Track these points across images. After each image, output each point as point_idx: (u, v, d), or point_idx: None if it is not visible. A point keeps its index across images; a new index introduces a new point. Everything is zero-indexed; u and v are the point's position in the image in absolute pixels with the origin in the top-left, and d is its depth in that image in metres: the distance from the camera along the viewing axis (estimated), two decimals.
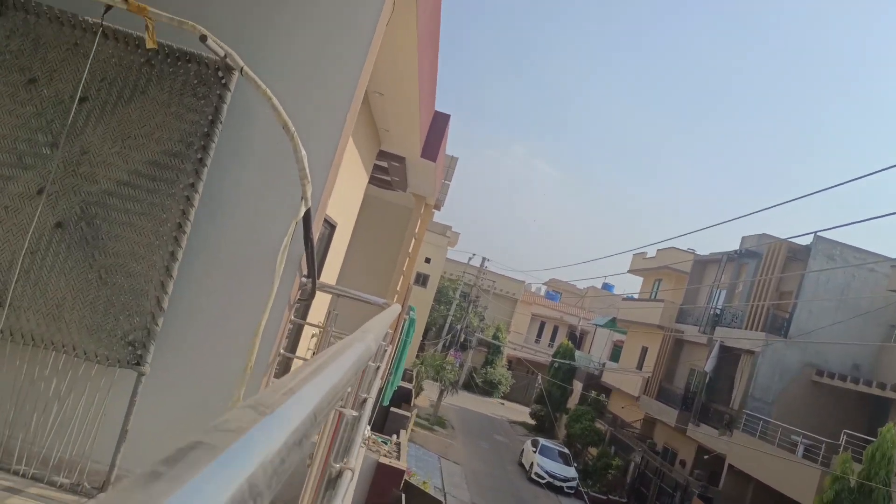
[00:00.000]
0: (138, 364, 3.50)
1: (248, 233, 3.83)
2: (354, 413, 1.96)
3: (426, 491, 16.70)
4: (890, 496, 14.58)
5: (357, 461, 3.94)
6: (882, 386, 21.14)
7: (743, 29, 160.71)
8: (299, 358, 4.84)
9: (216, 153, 3.64)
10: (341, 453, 1.86)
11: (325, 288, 4.29)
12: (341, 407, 1.86)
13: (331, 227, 7.52)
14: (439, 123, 9.57)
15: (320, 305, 6.86)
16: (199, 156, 3.60)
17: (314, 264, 3.83)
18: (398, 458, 14.71)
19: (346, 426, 1.60)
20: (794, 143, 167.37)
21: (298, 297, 4.06)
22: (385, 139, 9.33)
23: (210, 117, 3.61)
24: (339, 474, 1.68)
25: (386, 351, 4.09)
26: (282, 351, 4.07)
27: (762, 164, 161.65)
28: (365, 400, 2.54)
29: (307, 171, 3.35)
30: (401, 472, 12.80)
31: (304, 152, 3.31)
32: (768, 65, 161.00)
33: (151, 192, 3.55)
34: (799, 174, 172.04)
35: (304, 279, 4.01)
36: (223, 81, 3.61)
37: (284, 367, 6.69)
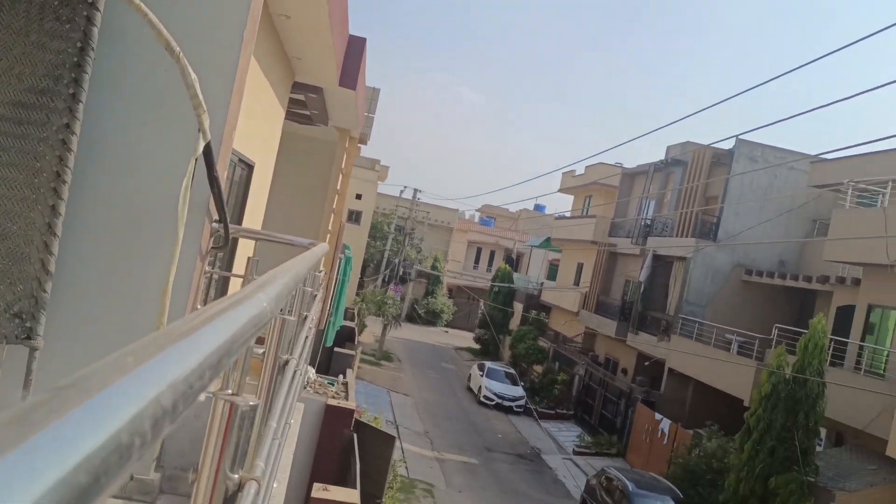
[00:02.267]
0: (28, 338, 3.05)
1: (143, 176, 3.35)
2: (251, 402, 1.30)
3: (378, 427, 16.66)
4: (824, 384, 15.21)
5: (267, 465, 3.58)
6: (808, 279, 21.93)
7: None
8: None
9: (92, 87, 3.12)
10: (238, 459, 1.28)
11: (241, 232, 3.86)
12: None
13: (248, 167, 6.99)
14: (355, 48, 8.97)
15: (248, 253, 6.39)
16: (71, 91, 3.07)
17: (224, 206, 3.39)
18: (346, 397, 14.51)
19: (238, 419, 1.21)
20: (708, 52, 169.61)
21: (211, 244, 3.63)
22: (299, 69, 8.71)
23: (79, 44, 3.07)
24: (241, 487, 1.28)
25: (315, 296, 3.72)
26: (199, 306, 3.65)
27: (678, 77, 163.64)
28: (287, 361, 2.19)
29: (201, 98, 2.88)
30: (350, 412, 12.61)
31: (194, 76, 2.84)
32: None
33: (19, 138, 3.03)
34: (717, 83, 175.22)
35: (215, 224, 3.58)
36: (90, 0, 3.07)
37: None
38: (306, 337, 3.22)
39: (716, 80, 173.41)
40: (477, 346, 45.48)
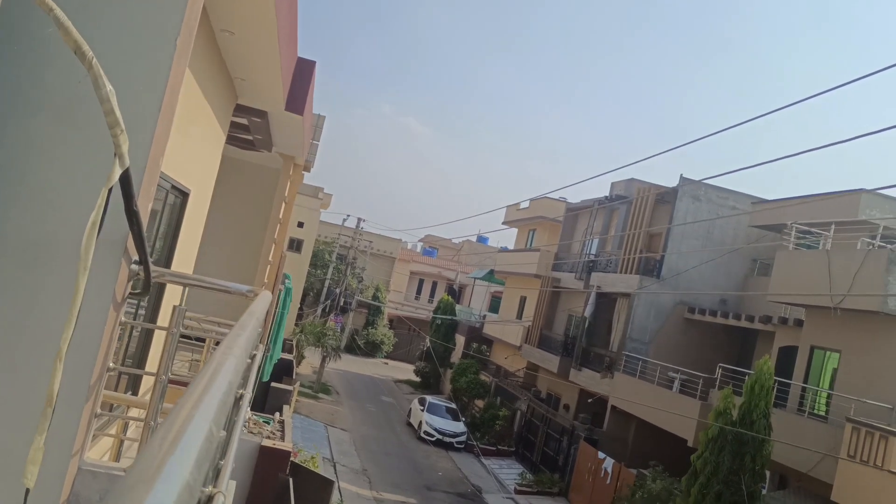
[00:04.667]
0: None
1: (44, 209, 2.74)
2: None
3: (315, 470, 15.84)
4: (770, 426, 15.10)
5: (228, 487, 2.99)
6: (750, 318, 22.08)
7: None
8: (148, 374, 3.79)
9: None
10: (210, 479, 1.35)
11: (166, 276, 3.26)
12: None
13: (182, 194, 6.36)
14: (304, 71, 8.44)
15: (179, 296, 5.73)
16: None
17: (144, 245, 2.81)
18: (283, 437, 13.69)
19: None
20: (651, 94, 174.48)
21: (129, 290, 3.03)
22: (242, 91, 8.13)
23: None
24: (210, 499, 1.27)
25: (257, 351, 3.15)
26: (112, 365, 3.04)
27: (628, 118, 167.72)
28: (241, 396, 1.71)
29: (118, 115, 2.32)
30: (286, 454, 11.83)
31: (110, 87, 2.28)
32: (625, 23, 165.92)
33: None
34: (662, 124, 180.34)
35: (134, 266, 2.98)
36: None
37: (133, 385, 5.56)
38: (255, 374, 2.68)
39: (660, 121, 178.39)
40: (417, 379, 44.71)
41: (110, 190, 2.46)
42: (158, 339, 5.13)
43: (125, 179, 2.52)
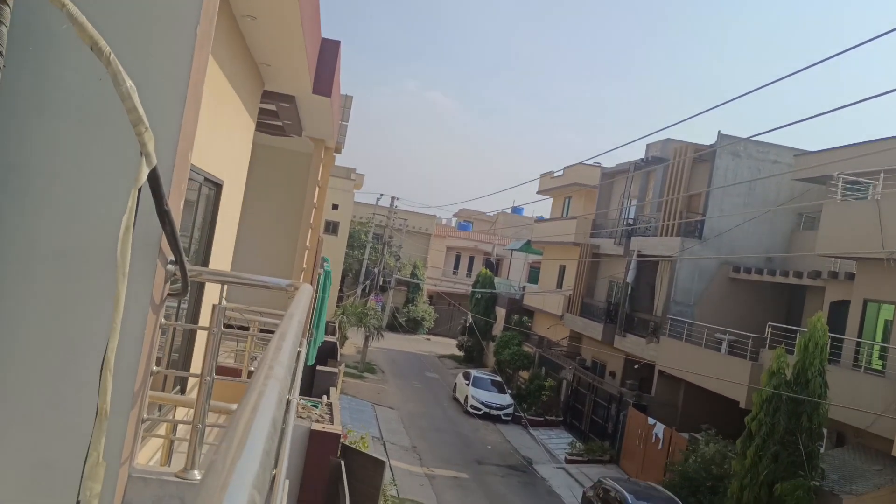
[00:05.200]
0: None
1: (73, 215, 2.65)
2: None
3: (365, 451, 15.93)
4: (826, 384, 14.74)
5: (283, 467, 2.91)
6: (798, 274, 21.55)
7: None
8: (193, 375, 3.72)
9: (5, 102, 2.44)
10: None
11: (203, 274, 3.17)
12: None
13: (216, 186, 6.29)
14: (329, 52, 8.29)
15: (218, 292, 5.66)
16: None
17: (178, 245, 2.71)
18: (331, 420, 13.77)
19: None
20: (685, 55, 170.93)
21: (167, 292, 2.95)
22: (268, 77, 8.02)
23: None
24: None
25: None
26: (155, 369, 2.97)
27: (663, 81, 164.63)
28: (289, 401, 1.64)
29: (141, 112, 2.20)
30: (336, 437, 11.91)
31: (130, 84, 2.16)
32: None
33: None
34: (700, 85, 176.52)
35: (170, 267, 2.89)
36: None
37: (181, 381, 5.53)
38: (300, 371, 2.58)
39: (698, 82, 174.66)
40: (460, 354, 44.82)
41: (140, 190, 2.36)
42: (202, 336, 5.09)
43: (154, 178, 2.42)
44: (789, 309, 23.73)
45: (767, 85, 10.81)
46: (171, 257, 2.87)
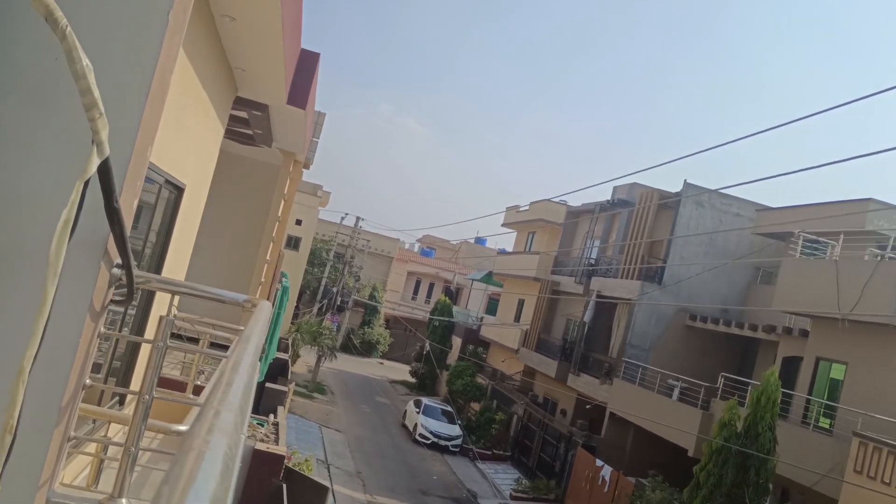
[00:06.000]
0: None
1: (13, 205, 2.39)
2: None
3: (309, 475, 15.49)
4: (776, 439, 14.78)
5: None
6: (754, 327, 21.76)
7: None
8: (131, 392, 3.42)
9: None
10: None
11: (153, 283, 2.90)
12: None
13: (177, 189, 6.00)
14: (307, 63, 8.09)
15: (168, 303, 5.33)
16: None
17: (127, 247, 2.46)
18: (277, 441, 13.34)
19: None
20: (661, 99, 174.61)
21: (110, 298, 2.68)
22: (243, 83, 7.77)
23: None
24: None
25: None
26: (89, 382, 2.69)
27: (632, 125, 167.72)
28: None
29: (96, 96, 1.97)
30: (281, 458, 11.52)
31: (87, 63, 1.93)
32: (626, 28, 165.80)
33: None
34: (670, 131, 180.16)
35: (116, 270, 2.63)
36: None
37: (120, 398, 5.18)
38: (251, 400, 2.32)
39: (668, 128, 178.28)
40: (413, 380, 44.35)
41: (87, 183, 2.11)
42: (146, 347, 4.76)
43: (104, 171, 2.17)
44: (742, 360, 23.95)
45: (734, 141, 10.88)
46: (118, 260, 2.61)
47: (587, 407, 26.21)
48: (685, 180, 25.93)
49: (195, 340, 8.25)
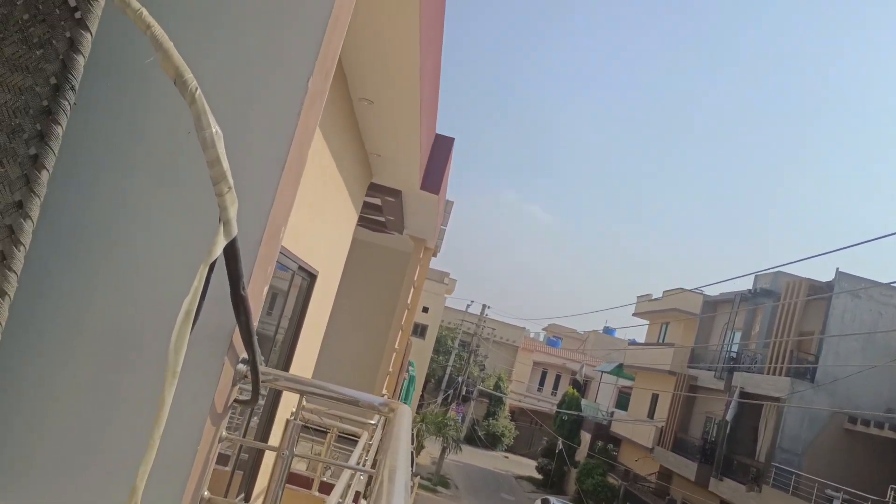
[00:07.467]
0: None
1: (135, 289, 2.15)
2: None
3: None
4: None
5: None
6: None
7: (708, 60, 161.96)
8: None
9: (66, 146, 1.99)
10: None
11: (281, 381, 2.58)
12: None
13: (310, 277, 5.84)
14: (442, 148, 7.97)
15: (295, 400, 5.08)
16: (31, 151, 1.94)
17: (253, 341, 2.14)
18: None
19: None
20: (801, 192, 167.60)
21: (234, 397, 2.36)
22: (377, 168, 7.73)
23: (53, 80, 1.97)
24: None
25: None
26: (207, 495, 2.36)
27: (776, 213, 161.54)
28: None
29: (225, 167, 1.69)
30: None
31: (216, 130, 1.65)
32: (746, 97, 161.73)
33: None
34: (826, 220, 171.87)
35: (241, 366, 2.32)
36: (77, 15, 1.98)
37: (246, 492, 4.91)
38: None
39: (811, 215, 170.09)
40: (539, 476, 42.51)
41: (212, 267, 1.81)
42: (267, 460, 4.46)
43: (231, 253, 1.87)
44: None
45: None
46: (244, 355, 2.31)
47: None
48: (837, 269, 24.02)
49: (323, 431, 7.98)
